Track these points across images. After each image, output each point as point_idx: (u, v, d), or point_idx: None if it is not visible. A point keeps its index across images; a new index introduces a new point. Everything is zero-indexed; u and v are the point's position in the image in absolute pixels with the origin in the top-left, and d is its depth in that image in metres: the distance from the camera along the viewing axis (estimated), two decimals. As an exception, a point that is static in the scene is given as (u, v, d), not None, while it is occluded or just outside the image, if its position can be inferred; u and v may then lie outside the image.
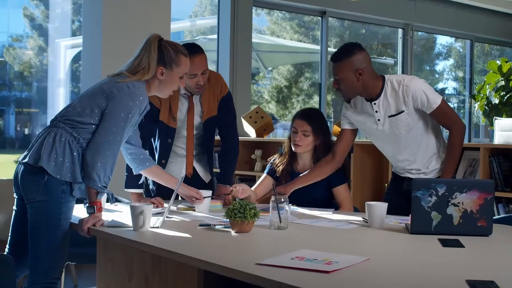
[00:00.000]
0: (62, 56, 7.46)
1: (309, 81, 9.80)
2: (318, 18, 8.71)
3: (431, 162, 3.47)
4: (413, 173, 3.52)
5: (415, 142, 3.45)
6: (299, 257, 2.25)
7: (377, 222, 2.98)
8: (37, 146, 2.99)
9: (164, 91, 3.20)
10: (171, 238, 2.71)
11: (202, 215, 3.33)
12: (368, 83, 3.40)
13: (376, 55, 9.98)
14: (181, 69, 3.17)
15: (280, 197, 2.92)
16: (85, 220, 2.92)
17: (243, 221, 2.75)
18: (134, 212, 2.80)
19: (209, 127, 3.88)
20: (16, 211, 3.14)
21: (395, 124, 3.43)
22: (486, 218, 2.75)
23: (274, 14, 9.33)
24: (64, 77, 7.41)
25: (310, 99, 9.69)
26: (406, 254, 2.47)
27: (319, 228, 3.00)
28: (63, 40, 7.48)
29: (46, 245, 2.94)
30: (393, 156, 3.58)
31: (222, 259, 2.27)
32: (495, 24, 9.88)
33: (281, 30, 9.86)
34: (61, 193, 2.95)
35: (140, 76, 3.07)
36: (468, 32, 9.79)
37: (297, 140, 3.76)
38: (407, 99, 3.35)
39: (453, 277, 2.05)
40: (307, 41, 9.66)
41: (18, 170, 3.03)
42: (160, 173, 3.48)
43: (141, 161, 3.36)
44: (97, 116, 3.00)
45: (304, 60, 10.08)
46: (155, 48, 3.10)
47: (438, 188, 2.76)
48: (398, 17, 8.79)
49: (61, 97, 7.30)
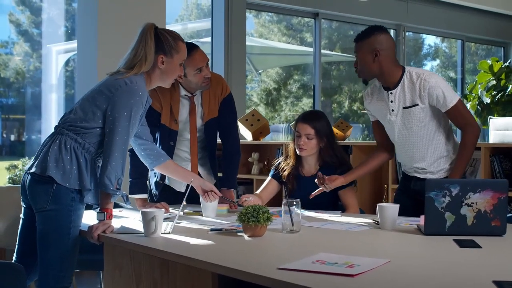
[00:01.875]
0: (54, 61, 7.40)
1: (298, 83, 9.79)
2: (305, 20, 8.72)
3: (440, 162, 3.45)
4: (420, 172, 3.51)
5: (425, 140, 3.43)
6: (320, 260, 2.23)
7: (389, 223, 2.97)
8: (43, 154, 2.95)
9: (166, 80, 3.14)
10: (184, 243, 2.68)
11: (211, 220, 3.30)
12: (385, 67, 3.39)
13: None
14: (181, 55, 3.11)
15: (292, 200, 2.89)
16: (95, 227, 2.88)
17: (257, 225, 2.73)
18: (146, 218, 2.76)
19: (210, 129, 3.85)
20: (23, 219, 3.10)
21: (408, 116, 3.41)
22: (500, 218, 2.75)
23: (262, 17, 9.31)
24: (56, 83, 7.35)
25: (299, 101, 9.67)
26: (425, 255, 2.45)
27: (331, 231, 2.98)
28: (55, 45, 7.43)
29: (56, 253, 2.90)
30: (403, 151, 3.55)
31: (241, 264, 2.24)
32: (486, 23, 9.94)
33: (269, 33, 9.83)
34: (70, 201, 2.91)
35: (138, 69, 3.00)
36: (459, 32, 9.83)
37: (301, 144, 3.73)
38: (423, 93, 3.33)
39: (478, 277, 2.04)
40: (295, 43, 9.66)
41: (25, 180, 2.99)
42: (176, 168, 3.43)
43: (155, 156, 3.31)
44: (100, 119, 2.96)
45: (295, 62, 10.07)
46: (152, 37, 3.03)
47: (451, 188, 2.74)
48: (390, 18, 8.81)
49: (53, 102, 7.24)
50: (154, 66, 3.06)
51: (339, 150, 3.81)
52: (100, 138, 2.98)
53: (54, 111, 7.14)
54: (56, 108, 7.15)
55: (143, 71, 3.03)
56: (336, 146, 3.80)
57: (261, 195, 3.86)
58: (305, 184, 3.77)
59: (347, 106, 9.81)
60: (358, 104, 9.99)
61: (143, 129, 3.24)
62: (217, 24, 7.33)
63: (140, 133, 3.23)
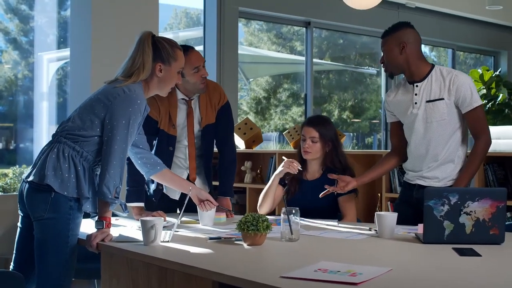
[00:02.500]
0: (45, 69, 7.39)
1: (287, 92, 9.81)
2: (295, 29, 8.74)
3: (448, 167, 3.46)
4: (424, 179, 3.50)
5: (442, 138, 3.44)
6: (322, 269, 2.23)
7: (387, 232, 2.97)
8: (41, 163, 2.94)
9: (164, 89, 3.14)
10: (184, 252, 2.67)
11: (208, 228, 3.30)
12: (412, 61, 3.45)
13: (354, 65, 10.03)
14: (179, 63, 3.11)
15: (291, 208, 2.90)
16: (94, 236, 2.87)
17: (256, 234, 2.72)
18: (145, 227, 2.75)
19: (207, 135, 3.85)
20: (21, 228, 3.08)
21: (430, 110, 3.43)
22: (498, 227, 2.76)
23: (252, 25, 9.33)
24: (47, 91, 7.33)
25: (288, 110, 9.69)
26: (426, 264, 2.46)
27: (330, 239, 2.98)
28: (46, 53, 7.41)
29: (54, 262, 2.89)
30: (416, 149, 3.54)
31: (244, 272, 2.24)
32: (477, 33, 10.00)
33: (258, 41, 9.86)
34: (69, 209, 2.90)
35: (136, 77, 3.00)
36: (450, 41, 9.88)
37: (306, 147, 3.77)
38: (452, 87, 3.37)
39: (480, 286, 2.05)
40: (285, 52, 9.68)
41: (23, 188, 2.98)
42: (172, 177, 3.43)
43: (152, 165, 3.31)
44: (98, 127, 2.95)
45: (285, 71, 10.09)
46: (150, 45, 3.03)
47: (450, 197, 2.75)
48: (381, 27, 8.82)
49: (44, 110, 7.22)
50: (152, 74, 3.06)
51: (343, 156, 3.85)
52: (98, 147, 2.97)
53: (45, 119, 7.11)
54: (47, 116, 7.13)
55: (141, 79, 3.02)
56: (341, 151, 3.84)
57: (267, 202, 3.88)
58: (307, 188, 3.80)
59: (336, 115, 9.82)
60: (348, 113, 10.01)
61: (140, 138, 3.24)
62: (209, 32, 7.34)
63: (137, 142, 3.22)
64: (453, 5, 9.10)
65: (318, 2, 8.07)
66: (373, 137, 10.46)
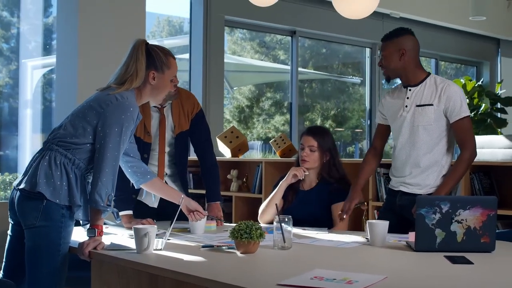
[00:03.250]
0: (29, 76, 7.35)
1: (270, 100, 9.82)
2: (278, 37, 8.77)
3: (430, 174, 3.50)
4: (407, 185, 3.54)
5: (427, 144, 3.49)
6: (318, 277, 2.24)
7: (379, 240, 2.99)
8: (33, 170, 2.92)
9: (157, 96, 3.13)
10: (178, 260, 2.67)
11: (200, 236, 3.29)
12: (409, 67, 3.52)
13: (338, 74, 10.07)
14: (172, 71, 3.12)
15: (284, 216, 2.90)
16: (86, 244, 2.85)
17: (250, 242, 2.73)
18: (138, 234, 2.75)
19: (181, 142, 3.87)
20: (11, 236, 3.06)
21: (419, 114, 3.49)
22: (489, 235, 2.78)
23: (235, 34, 9.34)
24: (31, 98, 7.29)
25: (271, 118, 9.70)
26: (420, 271, 2.48)
27: (322, 247, 3.00)
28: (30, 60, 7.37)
29: (45, 270, 2.87)
30: (401, 153, 3.59)
31: (240, 280, 2.24)
32: (459, 43, 10.08)
33: (241, 50, 9.88)
34: (61, 217, 2.89)
35: (129, 85, 2.99)
36: (433, 51, 9.96)
37: (304, 156, 3.81)
38: (443, 95, 3.44)
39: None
40: (268, 60, 9.70)
41: (14, 196, 2.96)
42: (162, 187, 3.44)
43: (142, 174, 3.30)
44: (90, 135, 2.94)
45: (269, 80, 10.11)
46: (143, 53, 3.02)
47: (442, 205, 2.78)
48: (366, 37, 8.91)
49: (28, 117, 7.18)
50: (145, 81, 3.05)
51: (340, 166, 3.91)
52: (90, 154, 2.96)
53: (29, 127, 7.07)
54: (31, 124, 7.09)
55: (134, 86, 3.02)
56: (338, 162, 3.89)
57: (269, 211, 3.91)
58: (303, 197, 3.83)
59: (319, 123, 9.85)
60: (331, 122, 10.04)
61: (131, 146, 3.23)
62: (195, 41, 7.35)
63: (128, 150, 3.22)
64: (437, 15, 9.19)
65: (303, 11, 8.10)
66: (355, 146, 10.50)
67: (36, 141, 6.98)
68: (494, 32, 10.19)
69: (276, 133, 9.00)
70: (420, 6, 8.87)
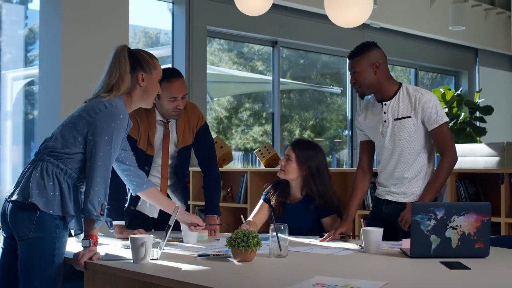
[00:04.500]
0: (9, 88, 7.30)
1: (249, 111, 9.84)
2: (256, 48, 8.81)
3: (415, 183, 3.52)
4: (393, 194, 3.57)
5: (410, 156, 3.50)
6: (320, 283, 2.25)
7: (374, 247, 3.00)
8: (25, 182, 2.89)
9: (148, 99, 3.09)
10: (176, 269, 2.65)
11: (194, 246, 3.29)
12: (383, 81, 3.50)
13: (316, 84, 10.12)
14: (158, 72, 3.08)
15: (280, 224, 2.91)
16: (81, 254, 2.83)
17: (247, 250, 2.73)
18: (135, 244, 2.73)
19: (183, 156, 3.86)
20: (3, 249, 3.01)
21: (398, 128, 3.49)
22: (483, 240, 2.81)
23: (213, 45, 9.36)
24: (11, 109, 7.24)
25: (249, 129, 9.71)
26: (418, 277, 2.50)
27: (318, 255, 3.00)
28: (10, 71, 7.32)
29: (39, 282, 2.84)
30: (384, 165, 3.61)
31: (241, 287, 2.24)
32: (439, 53, 10.19)
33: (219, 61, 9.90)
34: (54, 228, 2.86)
35: (117, 91, 2.96)
36: (413, 61, 10.06)
37: (282, 165, 3.78)
38: (418, 106, 3.43)
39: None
40: (245, 71, 9.72)
41: (6, 208, 2.92)
42: (159, 196, 3.40)
43: (138, 183, 3.28)
44: (81, 144, 2.91)
45: (249, 90, 10.13)
46: (126, 57, 2.98)
47: (436, 211, 2.80)
48: (347, 47, 8.94)
49: (8, 129, 7.12)
50: (135, 84, 3.02)
51: (323, 184, 3.78)
52: (82, 164, 2.93)
53: (9, 139, 7.01)
54: (11, 136, 7.02)
55: (123, 92, 2.99)
56: (320, 179, 3.77)
57: (255, 221, 3.87)
58: (289, 211, 3.81)
59: (297, 134, 9.87)
60: (309, 132, 10.07)
61: (126, 154, 3.21)
62: (178, 51, 7.35)
63: (124, 159, 3.20)
64: (417, 25, 9.29)
65: (285, 22, 8.15)
66: (332, 156, 10.54)
67: (16, 153, 6.92)
68: (472, 41, 10.32)
69: (255, 144, 9.02)
70: (400, 16, 8.96)
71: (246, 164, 9.06)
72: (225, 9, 7.46)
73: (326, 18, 4.15)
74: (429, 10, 9.26)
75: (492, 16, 10.30)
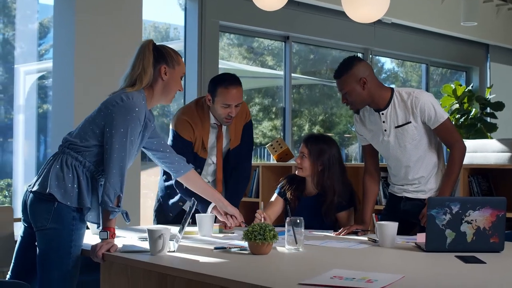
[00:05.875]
0: (21, 81, 7.34)
1: (258, 106, 9.85)
2: (266, 43, 8.81)
3: (431, 179, 3.54)
4: (411, 192, 3.58)
5: (418, 158, 3.51)
6: (337, 276, 2.26)
7: (389, 241, 3.02)
8: (45, 173, 2.95)
9: (168, 94, 3.11)
10: (194, 261, 2.68)
11: (210, 239, 3.32)
12: (374, 92, 3.47)
13: (326, 79, 10.12)
14: (181, 68, 3.11)
15: (295, 218, 2.93)
16: (99, 246, 2.86)
17: (263, 243, 2.75)
18: (152, 236, 2.76)
19: (232, 156, 3.93)
20: (22, 238, 3.06)
21: (401, 135, 3.48)
22: (498, 235, 2.83)
23: (223, 40, 9.37)
24: (24, 103, 7.28)
25: (259, 124, 9.72)
26: (434, 271, 2.50)
27: (333, 248, 3.03)
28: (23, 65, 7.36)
29: (57, 273, 2.88)
30: (395, 170, 3.62)
31: (260, 280, 2.26)
32: (450, 48, 10.17)
33: (229, 56, 9.91)
34: (72, 219, 2.90)
35: (140, 84, 2.99)
36: (424, 57, 10.04)
37: (297, 163, 3.79)
38: (416, 110, 3.42)
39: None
40: (255, 66, 9.73)
41: (27, 198, 2.97)
42: (197, 181, 3.44)
43: (175, 168, 3.33)
44: (100, 137, 2.95)
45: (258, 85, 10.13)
46: (150, 51, 3.02)
47: (452, 206, 2.82)
48: (358, 42, 8.96)
49: (21, 123, 7.17)
50: (157, 77, 3.05)
51: (336, 178, 3.78)
52: (100, 156, 2.97)
53: (22, 132, 7.06)
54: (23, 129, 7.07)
55: (145, 84, 3.02)
56: (334, 175, 3.77)
57: (269, 214, 3.86)
58: (303, 204, 3.83)
59: (307, 129, 9.88)
60: (319, 127, 10.08)
61: (158, 141, 3.25)
62: (190, 46, 7.36)
63: (156, 146, 3.24)
64: (429, 21, 9.26)
65: (297, 17, 8.15)
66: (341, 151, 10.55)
67: (28, 147, 6.96)
68: (484, 37, 10.29)
69: (264, 139, 9.03)
70: (412, 11, 8.95)
71: (256, 158, 9.06)
72: (237, 4, 7.48)
73: (337, 13, 4.16)
74: (441, 5, 9.23)
75: (503, 12, 10.26)
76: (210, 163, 3.88)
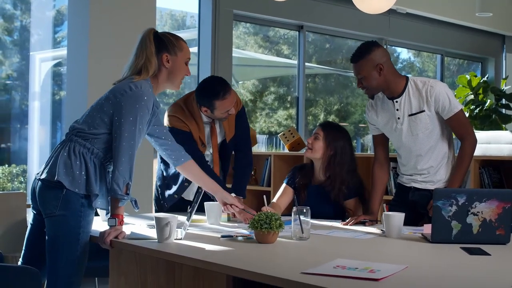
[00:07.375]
0: (37, 69, 7.39)
1: (273, 95, 9.85)
2: (281, 32, 8.80)
3: (440, 170, 3.54)
4: (420, 182, 3.58)
5: (430, 147, 3.51)
6: (340, 266, 2.28)
7: (395, 232, 3.03)
8: (53, 160, 2.98)
9: (174, 81, 3.15)
10: (200, 249, 2.71)
11: (218, 227, 3.34)
12: (390, 79, 3.47)
13: (342, 69, 10.10)
14: (185, 53, 3.13)
15: (302, 207, 2.95)
16: (107, 233, 2.89)
17: (269, 232, 2.77)
18: (160, 224, 2.79)
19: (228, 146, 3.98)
20: (32, 225, 3.10)
21: (414, 123, 3.49)
22: (504, 227, 2.83)
23: (238, 29, 9.37)
24: (39, 90, 7.34)
25: (274, 113, 9.73)
26: (439, 262, 2.52)
27: (340, 238, 3.04)
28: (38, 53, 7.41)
29: (65, 259, 2.91)
30: (406, 159, 3.62)
31: (264, 268, 2.28)
32: (465, 39, 10.11)
33: (245, 44, 9.90)
34: (80, 206, 2.93)
35: (145, 74, 3.03)
36: (439, 47, 9.99)
37: (309, 143, 3.79)
38: (430, 99, 3.43)
39: (497, 283, 2.12)
40: (271, 55, 9.72)
41: (35, 186, 3.01)
42: (197, 172, 3.44)
43: (176, 156, 3.34)
44: (108, 125, 2.98)
45: (274, 74, 10.13)
46: (151, 40, 3.05)
47: (458, 197, 2.82)
48: (372, 32, 8.93)
49: (36, 110, 7.22)
50: (160, 66, 3.08)
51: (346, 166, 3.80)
52: (108, 144, 2.99)
53: (37, 119, 7.11)
54: (38, 116, 7.13)
55: (151, 74, 3.05)
56: (343, 161, 3.79)
57: (278, 203, 3.88)
58: (312, 192, 3.84)
59: (322, 118, 9.87)
60: (334, 117, 10.07)
61: (160, 129, 3.27)
62: (204, 35, 7.37)
63: (159, 134, 3.26)
64: (444, 11, 9.21)
65: (311, 6, 8.13)
66: (357, 141, 10.54)
67: (43, 133, 7.02)
68: (499, 28, 10.21)
69: (279, 128, 9.04)
70: (427, 1, 8.90)
71: (270, 147, 9.07)
72: (251, -7, 7.48)
73: (351, 3, 4.14)
74: (457, -5, 9.20)
75: (519, 3, 10.20)
76: (208, 154, 3.92)
